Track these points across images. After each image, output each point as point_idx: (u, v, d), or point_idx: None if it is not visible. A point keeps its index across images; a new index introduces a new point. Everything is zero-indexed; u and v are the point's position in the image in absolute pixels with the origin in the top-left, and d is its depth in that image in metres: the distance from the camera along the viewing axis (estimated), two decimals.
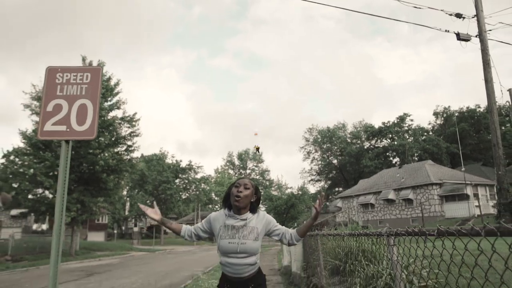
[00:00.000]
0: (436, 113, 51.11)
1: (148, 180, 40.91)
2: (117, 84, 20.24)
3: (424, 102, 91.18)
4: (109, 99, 19.99)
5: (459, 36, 12.16)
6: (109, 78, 20.04)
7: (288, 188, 58.81)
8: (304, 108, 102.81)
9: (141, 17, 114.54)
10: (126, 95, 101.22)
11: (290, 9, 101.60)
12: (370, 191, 31.15)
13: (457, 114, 46.51)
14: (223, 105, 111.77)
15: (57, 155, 17.21)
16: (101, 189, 19.55)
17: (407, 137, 48.45)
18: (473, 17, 12.30)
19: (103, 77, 19.13)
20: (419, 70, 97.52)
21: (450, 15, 12.20)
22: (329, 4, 10.66)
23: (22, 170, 17.49)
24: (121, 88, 20.35)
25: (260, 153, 64.64)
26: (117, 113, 20.40)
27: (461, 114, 46.13)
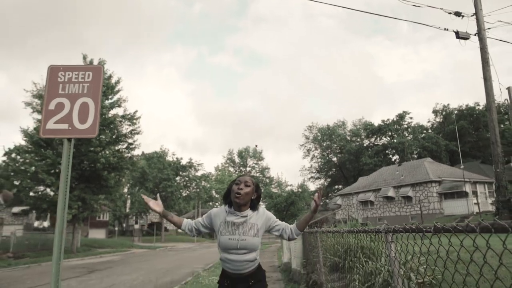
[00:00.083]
0: (436, 111, 51.11)
1: (149, 178, 40.99)
2: (118, 82, 20.25)
3: (424, 100, 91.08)
4: (110, 97, 20.02)
5: (458, 35, 12.18)
6: (110, 76, 20.05)
7: (288, 186, 58.90)
8: (304, 106, 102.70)
9: (142, 15, 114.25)
10: (127, 93, 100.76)
11: (290, 7, 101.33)
12: (370, 189, 31.19)
13: (456, 112, 46.52)
14: (224, 103, 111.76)
15: (58, 153, 17.24)
16: (102, 187, 19.61)
17: (407, 135, 48.43)
18: (472, 16, 12.31)
19: (104, 75, 19.13)
20: (419, 69, 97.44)
21: (450, 14, 12.21)
22: (329, 3, 10.64)
23: (24, 168, 17.55)
24: (122, 86, 20.42)
25: (260, 150, 65.21)
26: (118, 111, 20.47)
27: (460, 112, 46.14)
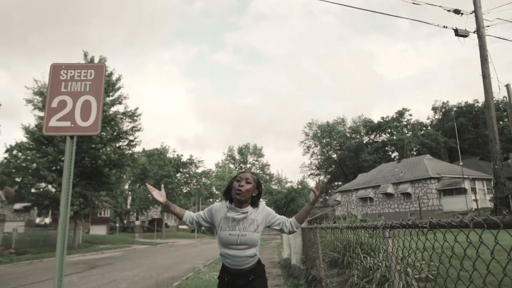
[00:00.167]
0: (435, 108, 51.04)
1: (150, 174, 41.05)
2: (119, 79, 20.25)
3: (423, 97, 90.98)
4: (111, 94, 20.03)
5: (457, 32, 12.17)
6: (111, 73, 20.04)
7: (288, 182, 59.08)
8: (304, 103, 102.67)
9: (143, 12, 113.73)
10: (128, 90, 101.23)
11: (290, 4, 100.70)
12: (369, 185, 31.24)
13: (456, 109, 46.48)
14: (224, 100, 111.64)
15: (60, 150, 17.29)
16: (103, 183, 19.68)
17: (406, 132, 48.41)
18: (471, 13, 12.29)
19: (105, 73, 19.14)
20: (418, 66, 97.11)
21: (449, 11, 12.19)
22: (329, 0, 10.62)
23: (25, 165, 17.58)
24: (123, 83, 20.43)
25: (260, 148, 65.37)
26: (119, 108, 20.53)
27: (460, 109, 46.08)
